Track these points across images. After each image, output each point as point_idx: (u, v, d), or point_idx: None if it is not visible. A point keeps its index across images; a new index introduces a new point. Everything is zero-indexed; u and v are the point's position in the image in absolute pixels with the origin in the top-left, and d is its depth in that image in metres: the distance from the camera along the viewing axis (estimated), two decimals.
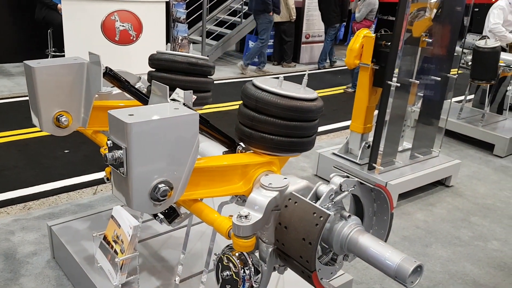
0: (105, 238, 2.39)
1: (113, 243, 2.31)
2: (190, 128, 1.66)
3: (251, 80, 2.06)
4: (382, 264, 1.57)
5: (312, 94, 2.01)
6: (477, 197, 4.10)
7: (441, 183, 4.30)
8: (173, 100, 2.01)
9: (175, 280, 2.34)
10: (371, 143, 3.93)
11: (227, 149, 2.13)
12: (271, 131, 1.95)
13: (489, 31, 5.66)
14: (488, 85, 5.50)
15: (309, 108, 1.94)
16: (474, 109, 6.01)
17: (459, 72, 4.92)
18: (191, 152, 1.69)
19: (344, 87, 7.70)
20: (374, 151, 3.81)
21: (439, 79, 4.00)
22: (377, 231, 1.88)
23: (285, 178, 1.76)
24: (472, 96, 6.40)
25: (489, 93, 5.65)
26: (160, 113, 1.61)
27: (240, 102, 2.08)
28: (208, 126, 2.06)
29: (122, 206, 2.53)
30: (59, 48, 7.04)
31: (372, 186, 1.70)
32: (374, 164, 3.83)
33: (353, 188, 1.73)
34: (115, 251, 2.28)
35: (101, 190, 3.75)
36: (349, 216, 1.69)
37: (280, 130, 1.94)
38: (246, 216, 1.63)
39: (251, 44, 8.99)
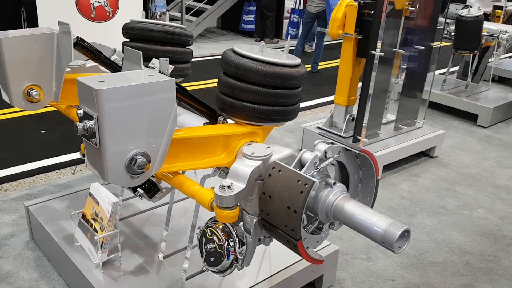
0: (83, 216, 2.31)
1: (92, 221, 2.23)
2: (166, 95, 1.57)
3: (231, 47, 1.97)
4: (369, 229, 1.53)
5: (295, 60, 1.93)
6: (462, 167, 4.10)
7: (426, 154, 4.29)
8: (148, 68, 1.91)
9: (158, 257, 2.28)
10: (355, 116, 3.88)
11: (208, 120, 2.05)
12: (253, 100, 1.87)
13: None
14: (471, 55, 5.48)
15: (292, 74, 1.87)
16: (457, 81, 6.00)
17: (442, 43, 4.87)
18: (169, 121, 1.61)
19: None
20: (358, 123, 3.77)
21: (422, 48, 3.95)
22: (363, 198, 1.84)
23: (268, 147, 1.70)
24: (456, 68, 6.39)
25: (472, 64, 5.63)
26: (133, 80, 1.52)
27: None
28: (186, 96, 1.97)
29: (101, 184, 2.45)
30: (33, 27, 6.79)
31: (357, 151, 1.65)
32: (358, 137, 3.79)
33: (338, 155, 1.67)
34: (95, 229, 2.20)
35: (80, 170, 3.64)
36: (334, 183, 1.63)
37: (262, 98, 1.86)
38: (228, 187, 1.56)
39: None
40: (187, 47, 2.49)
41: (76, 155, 3.82)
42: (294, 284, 2.26)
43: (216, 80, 6.27)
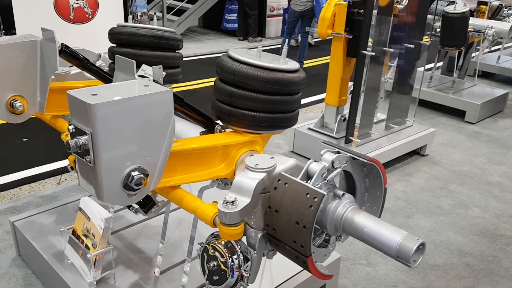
0: (74, 232, 2.19)
1: (83, 238, 2.12)
2: (164, 107, 1.48)
3: (227, 52, 1.88)
4: (382, 244, 1.46)
5: (293, 65, 1.86)
6: (453, 165, 4.09)
7: (416, 153, 4.27)
8: (141, 77, 1.81)
9: (154, 272, 2.18)
10: (346, 116, 3.83)
11: (204, 129, 1.96)
12: (252, 107, 1.79)
13: None
14: (457, 51, 5.48)
15: (292, 80, 1.80)
16: (442, 77, 6.00)
17: (431, 39, 4.86)
18: (167, 134, 1.51)
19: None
20: (350, 123, 3.71)
21: (412, 46, 3.91)
22: (370, 208, 1.77)
23: (272, 158, 1.61)
24: (440, 64, 6.39)
25: (458, 60, 5.63)
26: (128, 92, 1.42)
27: (214, 78, 1.91)
28: (182, 105, 1.88)
29: (90, 196, 2.33)
30: (10, 30, 6.56)
31: (366, 161, 1.58)
32: (351, 137, 3.74)
33: (346, 164, 1.60)
34: (86, 246, 2.09)
35: (66, 179, 3.50)
36: (343, 194, 1.56)
37: (262, 105, 1.78)
38: (232, 202, 1.47)
39: None
40: (176, 51, 2.40)
41: (60, 164, 3.68)
42: None
43: (202, 81, 6.16)
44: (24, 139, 4.13)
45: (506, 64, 6.81)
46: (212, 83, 1.94)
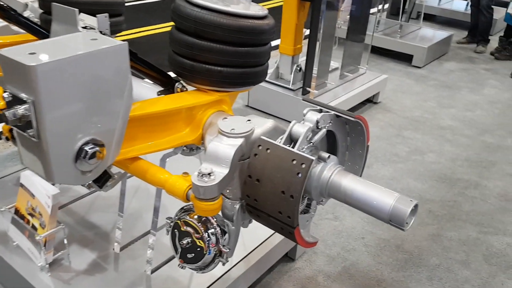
0: (17, 211, 1.92)
1: (28, 217, 1.86)
2: (118, 64, 1.23)
3: None
4: (373, 207, 1.35)
5: (261, 10, 1.64)
6: (405, 111, 4.10)
7: (369, 100, 4.22)
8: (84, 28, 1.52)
9: (113, 249, 1.97)
10: (302, 66, 3.66)
11: (162, 89, 1.72)
12: (218, 61, 1.57)
13: None
14: None
15: (262, 28, 1.58)
16: (389, 20, 5.94)
17: None
18: (123, 95, 1.28)
19: None
20: (307, 73, 3.56)
21: None
22: (351, 167, 1.66)
23: (249, 120, 1.42)
24: (386, 6, 6.31)
25: (404, 3, 5.57)
26: (74, 48, 1.15)
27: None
28: (135, 60, 1.62)
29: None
30: None
31: (352, 118, 1.44)
32: (308, 89, 3.60)
33: (330, 124, 1.45)
34: (33, 227, 1.83)
35: None
36: (328, 157, 1.42)
37: (229, 58, 1.57)
38: (209, 174, 1.28)
39: None
40: None
41: None
42: (271, 259, 2.09)
43: (138, 30, 5.69)
44: None
45: (447, 6, 6.88)
46: (150, 32, 1.69)
